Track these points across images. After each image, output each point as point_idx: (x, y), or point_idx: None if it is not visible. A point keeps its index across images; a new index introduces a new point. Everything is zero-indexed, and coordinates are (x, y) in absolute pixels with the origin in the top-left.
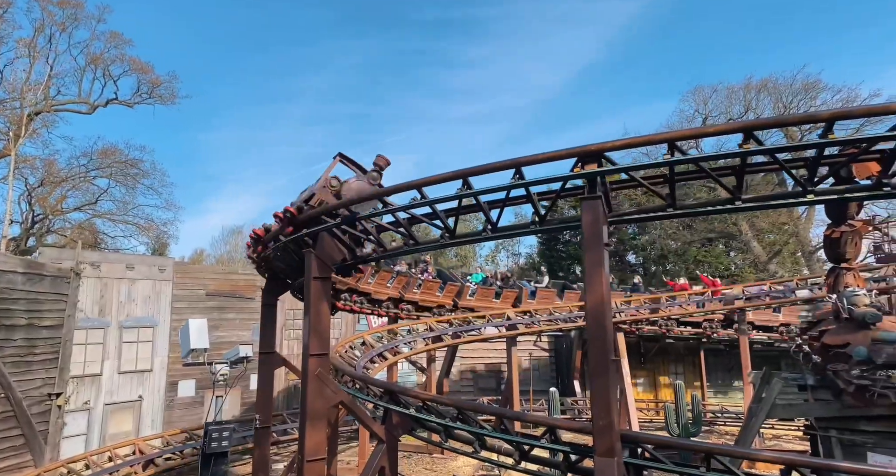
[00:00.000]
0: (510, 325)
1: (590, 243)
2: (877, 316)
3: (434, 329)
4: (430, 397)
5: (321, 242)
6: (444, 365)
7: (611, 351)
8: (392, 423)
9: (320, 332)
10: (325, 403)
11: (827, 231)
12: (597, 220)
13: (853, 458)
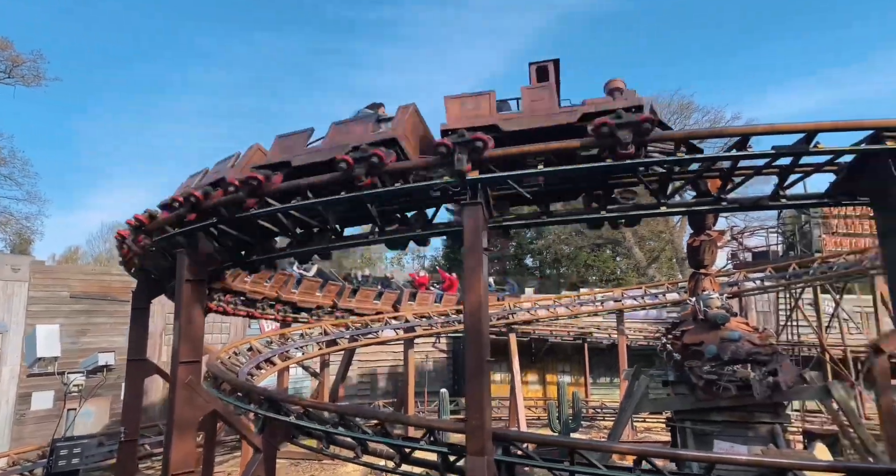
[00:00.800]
0: (408, 327)
1: (470, 248)
2: (725, 317)
3: (329, 333)
4: (310, 404)
5: (195, 242)
6: (339, 369)
7: (486, 353)
8: (271, 431)
9: (192, 338)
10: (196, 413)
11: (689, 240)
12: (477, 226)
13: (703, 447)
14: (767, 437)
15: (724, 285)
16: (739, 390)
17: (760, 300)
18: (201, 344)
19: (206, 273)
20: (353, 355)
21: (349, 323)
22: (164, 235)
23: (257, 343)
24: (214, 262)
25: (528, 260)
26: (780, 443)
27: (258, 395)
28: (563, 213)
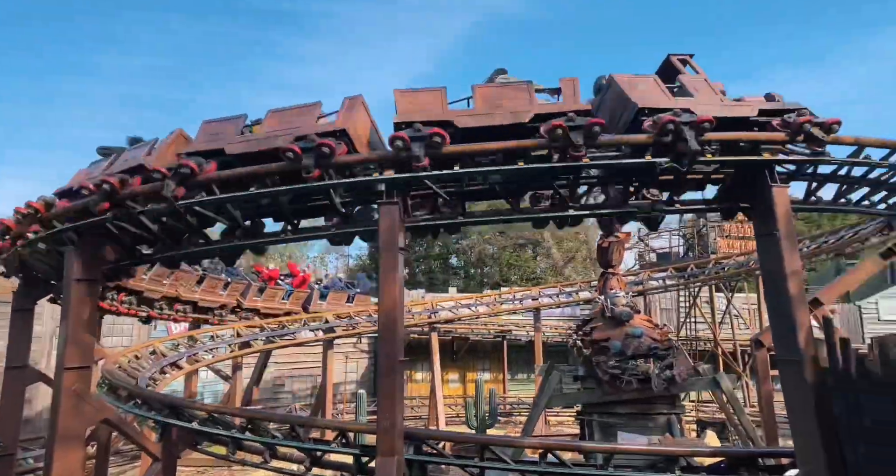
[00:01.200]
0: (328, 328)
1: (385, 248)
2: (629, 314)
3: (242, 334)
4: (215, 409)
5: (87, 239)
6: (254, 372)
7: (399, 353)
8: (171, 438)
9: (81, 342)
10: (84, 423)
11: (599, 241)
12: (393, 225)
13: (608, 438)
14: (665, 427)
15: (630, 284)
16: (640, 384)
17: (664, 298)
18: (91, 348)
19: (99, 272)
20: (268, 358)
21: (264, 324)
22: (58, 228)
23: (161, 346)
24: (111, 259)
25: (454, 259)
26: (675, 432)
27: (157, 401)
28: (480, 214)
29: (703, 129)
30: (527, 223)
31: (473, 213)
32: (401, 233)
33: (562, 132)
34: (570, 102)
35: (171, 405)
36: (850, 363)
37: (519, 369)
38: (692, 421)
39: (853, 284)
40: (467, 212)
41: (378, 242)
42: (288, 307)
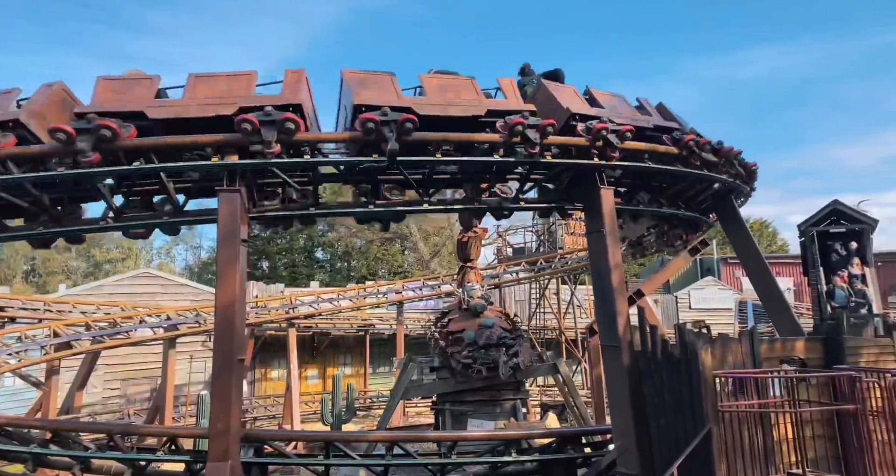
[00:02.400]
0: (170, 325)
1: (224, 238)
2: (483, 306)
3: (61, 334)
4: (6, 421)
5: None
6: (77, 377)
7: (237, 351)
8: None
9: None
10: None
11: (459, 236)
12: (234, 215)
13: (459, 426)
14: (510, 412)
15: (487, 277)
16: (489, 371)
17: (518, 290)
18: None
19: None
20: (95, 360)
21: (90, 322)
22: None
23: None
24: None
25: (319, 253)
26: (519, 416)
27: None
28: (333, 205)
29: (625, 136)
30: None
31: (327, 204)
32: (243, 223)
33: (521, 129)
34: (514, 101)
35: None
36: (657, 347)
37: (382, 363)
38: (537, 405)
39: (667, 277)
40: (320, 203)
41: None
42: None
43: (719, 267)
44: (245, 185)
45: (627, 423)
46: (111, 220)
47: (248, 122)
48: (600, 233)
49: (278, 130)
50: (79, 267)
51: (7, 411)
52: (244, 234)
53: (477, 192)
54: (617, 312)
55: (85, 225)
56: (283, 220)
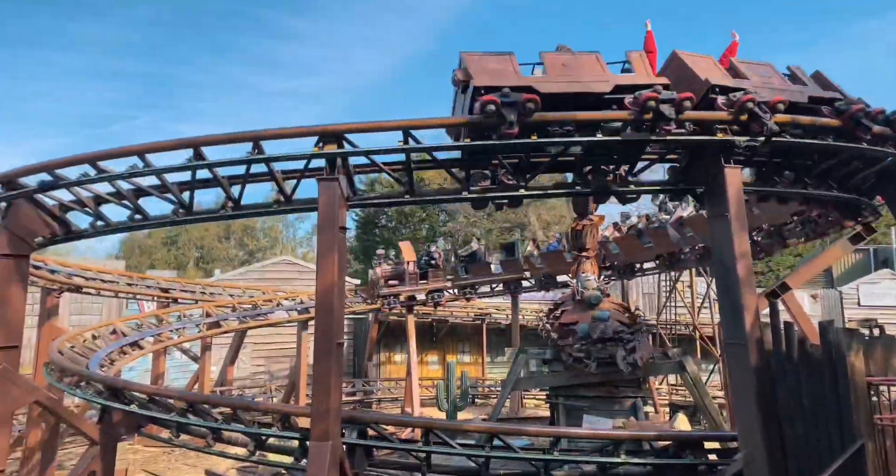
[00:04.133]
0: (303, 308)
1: (323, 226)
2: (599, 297)
3: (212, 314)
4: (154, 391)
5: (16, 212)
6: (228, 353)
7: (336, 335)
8: (110, 422)
9: (7, 321)
10: (10, 406)
11: (572, 224)
12: (332, 203)
13: (574, 421)
14: (630, 410)
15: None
16: (602, 367)
17: (646, 282)
18: (19, 328)
19: (30, 247)
20: (243, 338)
21: (236, 304)
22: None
23: (122, 325)
24: (42, 233)
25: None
26: (639, 415)
27: (97, 382)
28: (427, 193)
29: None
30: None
31: (422, 191)
32: (341, 210)
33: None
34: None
35: (111, 387)
36: (792, 346)
37: (500, 352)
38: (666, 404)
39: (819, 269)
40: (416, 191)
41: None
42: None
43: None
44: (344, 173)
45: (755, 429)
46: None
47: (653, 98)
48: (724, 217)
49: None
50: (236, 255)
51: (174, 381)
52: (342, 221)
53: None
54: (743, 307)
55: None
56: (376, 207)
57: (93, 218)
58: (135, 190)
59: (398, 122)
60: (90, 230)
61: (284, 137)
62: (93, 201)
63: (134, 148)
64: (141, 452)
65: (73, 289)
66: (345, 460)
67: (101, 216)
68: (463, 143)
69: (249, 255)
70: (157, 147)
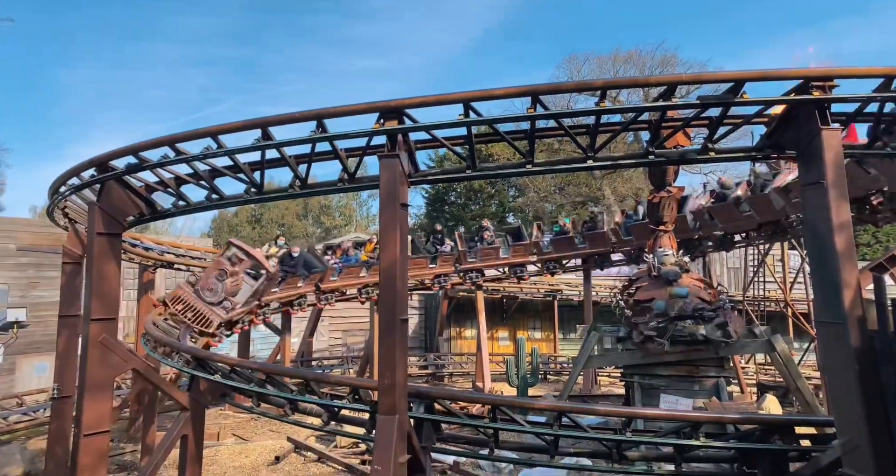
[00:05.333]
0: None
1: (385, 203)
2: (677, 274)
3: None
4: (236, 362)
5: (108, 193)
6: (307, 327)
7: (400, 311)
8: (198, 389)
9: (105, 295)
10: (111, 372)
11: (649, 196)
12: (394, 179)
13: (650, 400)
14: (712, 390)
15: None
16: (685, 344)
17: (731, 256)
18: (116, 300)
19: (122, 226)
20: (320, 312)
21: None
22: (85, 182)
23: None
24: (132, 212)
25: (511, 218)
26: (722, 395)
27: (184, 352)
28: (490, 168)
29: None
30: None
31: (484, 167)
32: (402, 187)
33: None
34: None
35: (196, 357)
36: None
37: (572, 329)
38: (754, 384)
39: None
40: (478, 166)
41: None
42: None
43: None
44: (405, 149)
45: (856, 416)
46: (297, 188)
47: None
48: (820, 184)
49: None
50: (314, 232)
51: (260, 352)
52: (404, 198)
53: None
54: (842, 283)
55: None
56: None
57: (174, 198)
58: (210, 171)
59: (458, 94)
60: (173, 209)
61: (345, 115)
62: (174, 182)
63: (207, 130)
64: (231, 418)
65: (165, 265)
66: (412, 434)
67: (181, 196)
68: (527, 114)
69: (326, 231)
70: (228, 128)
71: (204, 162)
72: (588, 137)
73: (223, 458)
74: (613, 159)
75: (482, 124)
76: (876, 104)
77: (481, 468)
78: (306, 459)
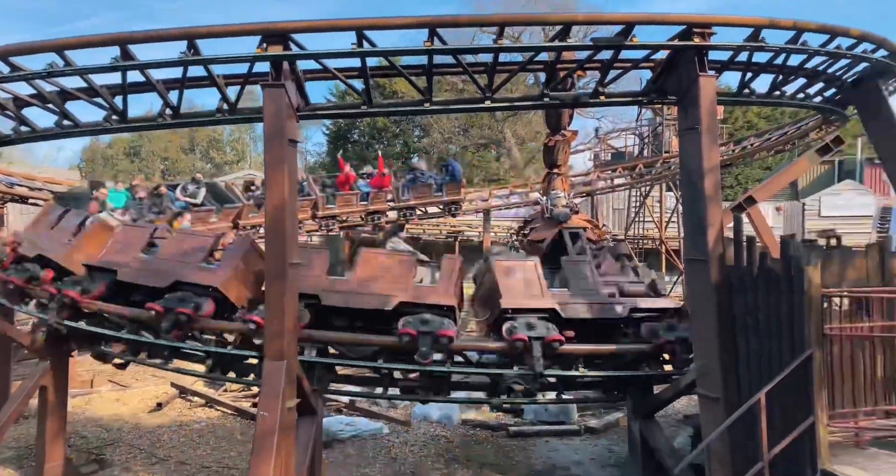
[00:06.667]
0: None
1: (271, 138)
2: (567, 215)
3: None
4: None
5: None
6: None
7: (290, 255)
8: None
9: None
10: None
11: (545, 139)
12: (279, 112)
13: None
14: None
15: (578, 185)
16: None
17: (617, 198)
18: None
19: None
20: None
21: None
22: None
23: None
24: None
25: (414, 159)
26: None
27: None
28: (385, 104)
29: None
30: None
31: (382, 103)
32: (290, 121)
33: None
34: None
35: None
36: (753, 261)
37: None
38: None
39: (786, 181)
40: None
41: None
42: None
43: (862, 169)
44: (293, 79)
45: (711, 343)
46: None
47: None
48: (695, 130)
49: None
50: (202, 167)
51: None
52: (293, 133)
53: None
54: (707, 222)
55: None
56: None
57: (15, 122)
58: (59, 92)
59: (351, 21)
60: (13, 136)
61: (222, 36)
62: (12, 103)
63: (51, 43)
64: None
65: (17, 199)
66: (302, 377)
67: (23, 120)
68: (424, 48)
69: (216, 168)
70: (77, 43)
71: (49, 82)
72: (487, 77)
73: (96, 407)
74: (510, 101)
75: (376, 56)
76: (746, 53)
77: (377, 404)
78: (193, 404)
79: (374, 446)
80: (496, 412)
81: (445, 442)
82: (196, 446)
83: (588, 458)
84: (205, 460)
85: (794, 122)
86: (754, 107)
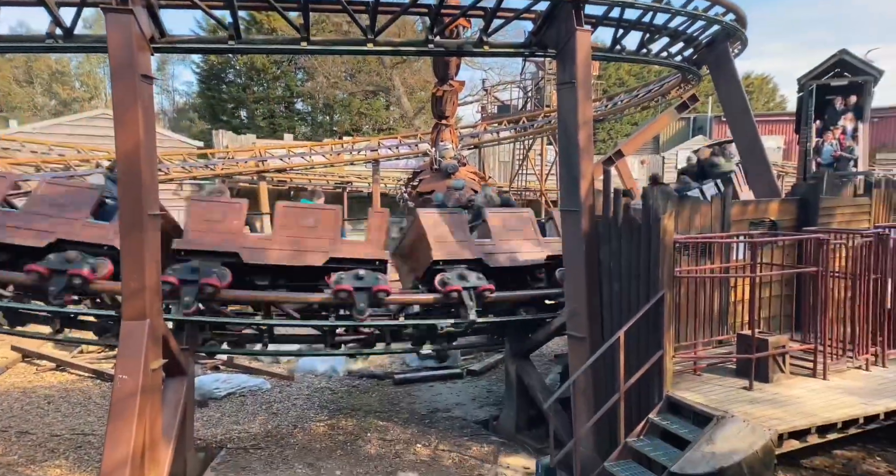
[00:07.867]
0: None
1: (119, 72)
2: (455, 167)
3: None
4: None
5: None
6: None
7: (149, 205)
8: None
9: None
10: None
11: (433, 89)
12: (128, 43)
13: None
14: None
15: (468, 137)
16: None
17: (503, 151)
18: None
19: None
20: None
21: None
22: None
23: None
24: None
25: (299, 104)
26: None
27: None
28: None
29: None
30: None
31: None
32: (142, 53)
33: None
34: None
35: None
36: (618, 212)
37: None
38: None
39: (650, 136)
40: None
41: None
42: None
43: (712, 125)
44: (143, 5)
45: (580, 288)
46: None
47: None
48: (572, 84)
49: None
50: (45, 104)
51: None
52: (145, 67)
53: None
54: (580, 175)
55: None
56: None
57: None
58: None
59: None
60: None
61: None
62: None
63: None
64: None
65: None
66: (169, 337)
67: None
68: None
69: (63, 105)
70: None
71: None
72: (369, 18)
73: None
74: (394, 45)
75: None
76: (619, 10)
77: (258, 360)
78: (40, 369)
79: (255, 402)
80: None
81: (331, 393)
82: (44, 414)
83: (469, 399)
84: (55, 428)
85: (658, 79)
86: (625, 64)
